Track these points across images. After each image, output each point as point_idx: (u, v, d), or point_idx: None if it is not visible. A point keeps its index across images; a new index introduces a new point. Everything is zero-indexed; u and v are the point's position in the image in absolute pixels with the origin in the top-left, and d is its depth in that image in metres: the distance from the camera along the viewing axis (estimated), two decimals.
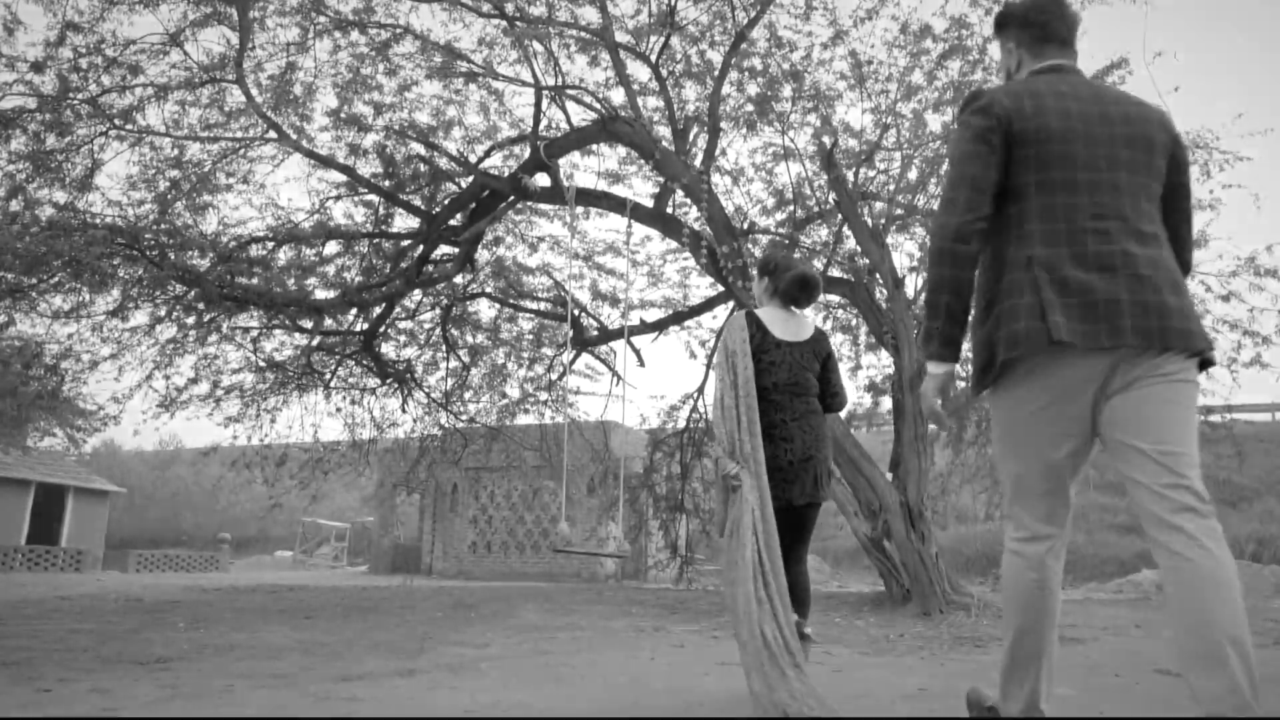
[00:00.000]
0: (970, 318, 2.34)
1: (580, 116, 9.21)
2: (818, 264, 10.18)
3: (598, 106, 8.78)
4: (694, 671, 4.58)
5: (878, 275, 8.87)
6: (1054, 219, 2.23)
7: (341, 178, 10.04)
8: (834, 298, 10.41)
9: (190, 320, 10.57)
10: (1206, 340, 2.22)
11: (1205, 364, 2.28)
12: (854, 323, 11.30)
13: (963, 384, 9.91)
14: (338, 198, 10.36)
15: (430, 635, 6.35)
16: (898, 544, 7.99)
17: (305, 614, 8.58)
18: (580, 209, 10.03)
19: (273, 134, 9.13)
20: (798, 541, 3.79)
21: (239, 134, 9.24)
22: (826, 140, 8.66)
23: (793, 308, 3.87)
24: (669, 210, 9.52)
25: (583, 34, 8.34)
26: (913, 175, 9.72)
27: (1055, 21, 2.48)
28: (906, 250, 10.55)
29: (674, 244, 11.01)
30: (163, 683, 4.03)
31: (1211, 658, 1.98)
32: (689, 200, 9.18)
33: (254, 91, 8.77)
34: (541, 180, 9.20)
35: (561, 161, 9.51)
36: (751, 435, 3.60)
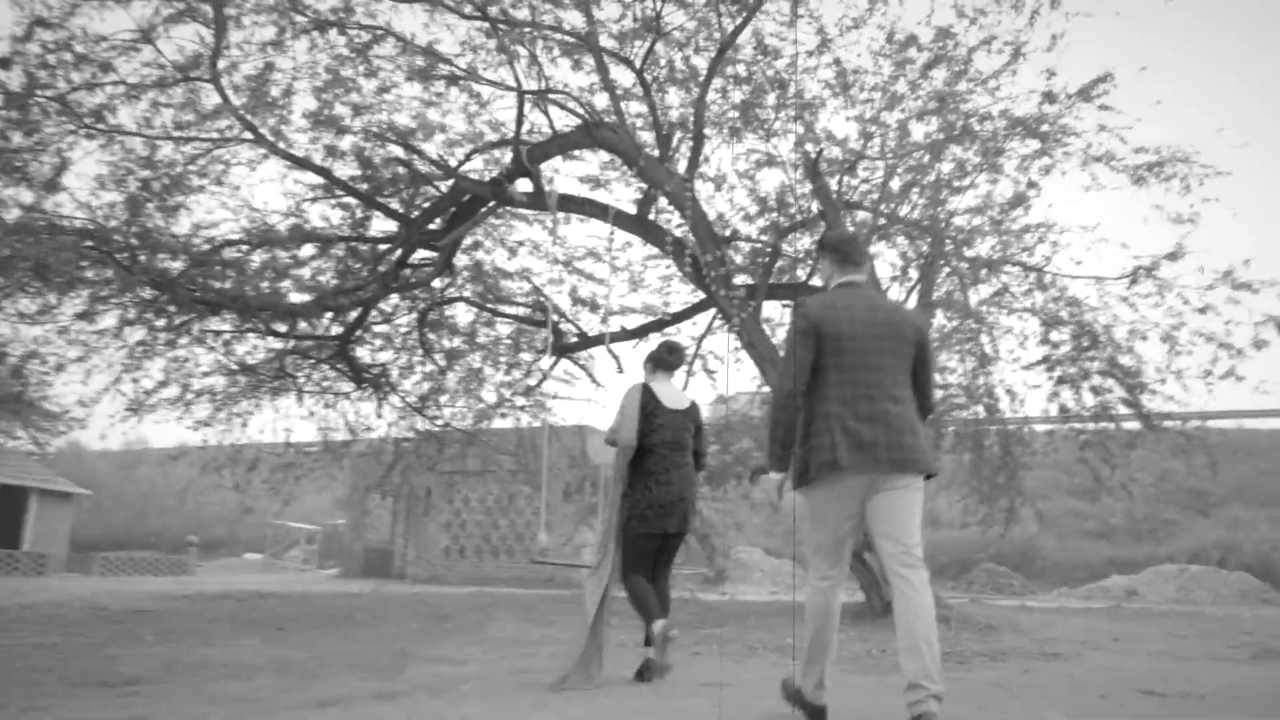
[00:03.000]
0: (795, 443, 3.64)
1: (563, 122, 9.11)
2: (800, 274, 10.14)
3: (581, 112, 8.67)
4: (677, 694, 4.49)
5: None
6: (842, 388, 3.52)
7: (318, 179, 9.85)
8: None
9: (160, 323, 10.34)
10: (927, 465, 3.50)
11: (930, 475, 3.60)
12: None
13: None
14: (314, 200, 10.17)
15: (407, 651, 6.23)
16: (873, 555, 7.94)
17: (277, 625, 8.42)
18: (561, 214, 9.92)
19: (248, 135, 8.95)
20: (666, 563, 4.99)
21: (214, 134, 9.05)
22: (811, 149, 8.60)
23: (669, 379, 5.10)
24: (651, 217, 9.43)
25: (568, 38, 8.23)
26: (895, 185, 9.68)
27: (852, 251, 3.79)
28: (888, 260, 10.53)
29: (655, 249, 10.93)
30: (134, 712, 3.89)
31: (914, 650, 3.21)
32: (672, 207, 9.10)
33: (230, 92, 8.58)
34: (523, 185, 9.08)
35: (542, 166, 9.40)
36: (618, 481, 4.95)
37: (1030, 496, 12.37)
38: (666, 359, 5.10)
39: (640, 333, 10.77)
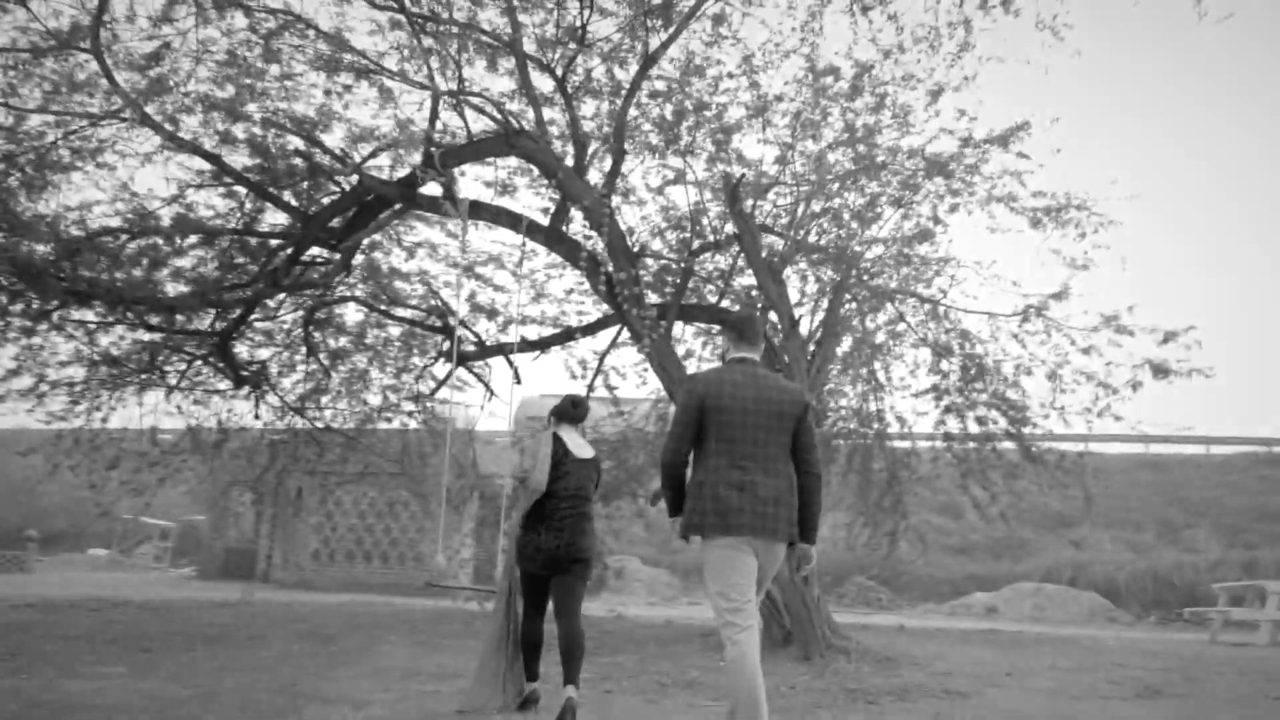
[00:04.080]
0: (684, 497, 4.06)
1: (478, 124, 8.74)
2: (711, 297, 10.09)
3: (499, 117, 8.32)
4: None
5: (772, 313, 8.83)
6: (720, 457, 3.92)
7: (206, 165, 9.18)
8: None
9: (17, 308, 9.44)
10: (787, 535, 3.95)
11: (794, 542, 4.03)
12: None
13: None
14: (199, 186, 9.47)
15: (297, 684, 5.81)
16: (781, 585, 7.93)
17: (142, 645, 7.78)
18: (471, 221, 9.53)
19: (130, 113, 8.23)
20: (571, 606, 4.96)
21: (90, 110, 8.30)
22: (732, 171, 8.54)
23: (575, 431, 5.22)
24: (563, 229, 9.18)
25: (491, 41, 7.90)
26: (803, 211, 9.72)
27: (748, 330, 4.20)
28: (795, 286, 10.59)
29: (558, 259, 10.67)
30: None
31: (752, 704, 3.67)
32: (586, 221, 8.88)
33: (118, 72, 7.87)
34: (431, 189, 8.69)
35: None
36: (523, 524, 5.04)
37: (916, 526, 12.73)
38: (570, 412, 5.25)
39: (544, 344, 10.50)
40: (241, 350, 12.03)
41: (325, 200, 9.44)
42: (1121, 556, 23.28)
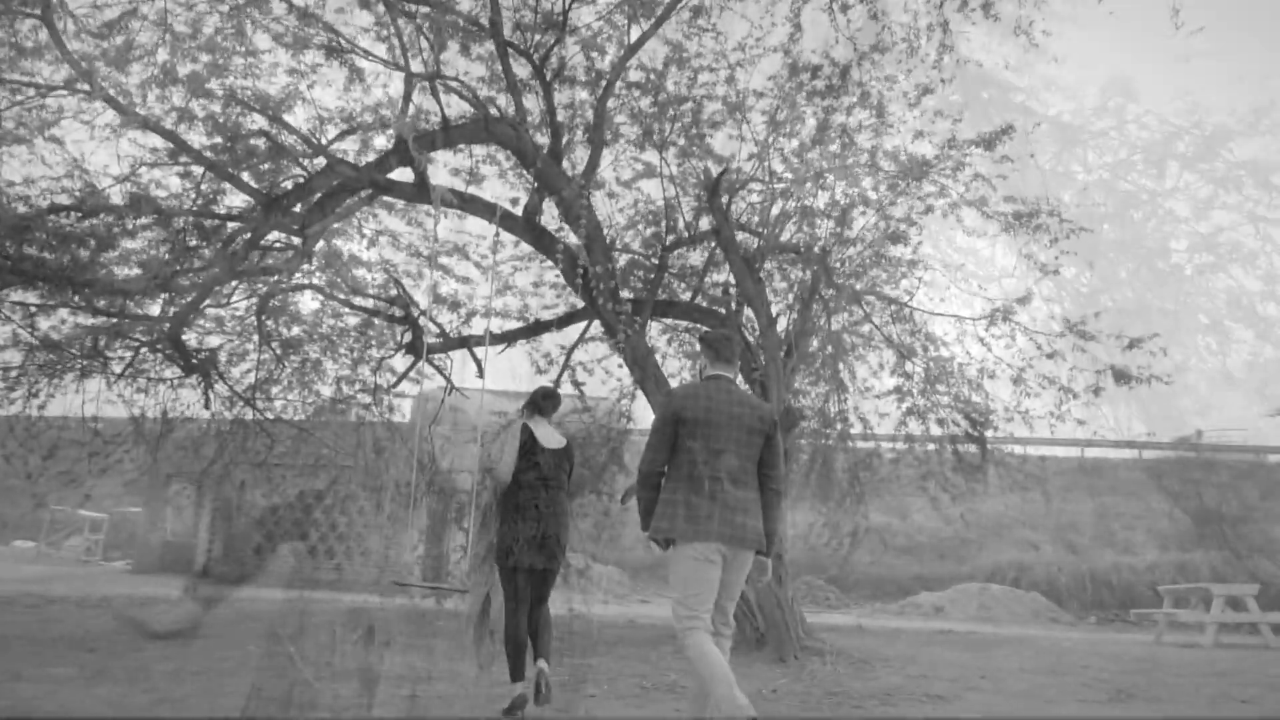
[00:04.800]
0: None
1: (451, 109, 8.47)
2: (684, 294, 9.96)
3: (477, 102, 8.08)
4: None
5: (747, 311, 8.73)
6: (692, 467, 4.10)
7: (161, 141, 8.77)
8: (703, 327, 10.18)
9: None
10: (756, 543, 4.13)
11: (761, 551, 4.23)
12: None
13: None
14: (154, 164, 9.05)
15: (265, 689, 5.53)
16: (754, 586, 7.83)
17: (88, 645, 7.41)
18: (442, 210, 9.25)
19: (84, 86, 7.82)
20: (541, 595, 5.21)
21: (46, 80, 7.87)
22: (710, 166, 8.42)
23: (546, 422, 5.38)
24: (537, 220, 8.97)
25: (469, 25, 7.65)
26: (777, 210, 9.63)
27: (724, 349, 4.39)
28: (767, 285, 10.48)
29: (526, 250, 10.47)
30: None
31: (726, 683, 3.71)
32: (559, 213, 8.69)
33: (72, 41, 7.45)
34: (403, 174, 8.42)
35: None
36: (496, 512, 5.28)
37: (877, 528, 12.77)
38: (542, 404, 5.42)
39: (512, 337, 10.28)
40: (189, 337, 11.57)
41: (288, 183, 9.09)
42: (1062, 558, 23.78)
